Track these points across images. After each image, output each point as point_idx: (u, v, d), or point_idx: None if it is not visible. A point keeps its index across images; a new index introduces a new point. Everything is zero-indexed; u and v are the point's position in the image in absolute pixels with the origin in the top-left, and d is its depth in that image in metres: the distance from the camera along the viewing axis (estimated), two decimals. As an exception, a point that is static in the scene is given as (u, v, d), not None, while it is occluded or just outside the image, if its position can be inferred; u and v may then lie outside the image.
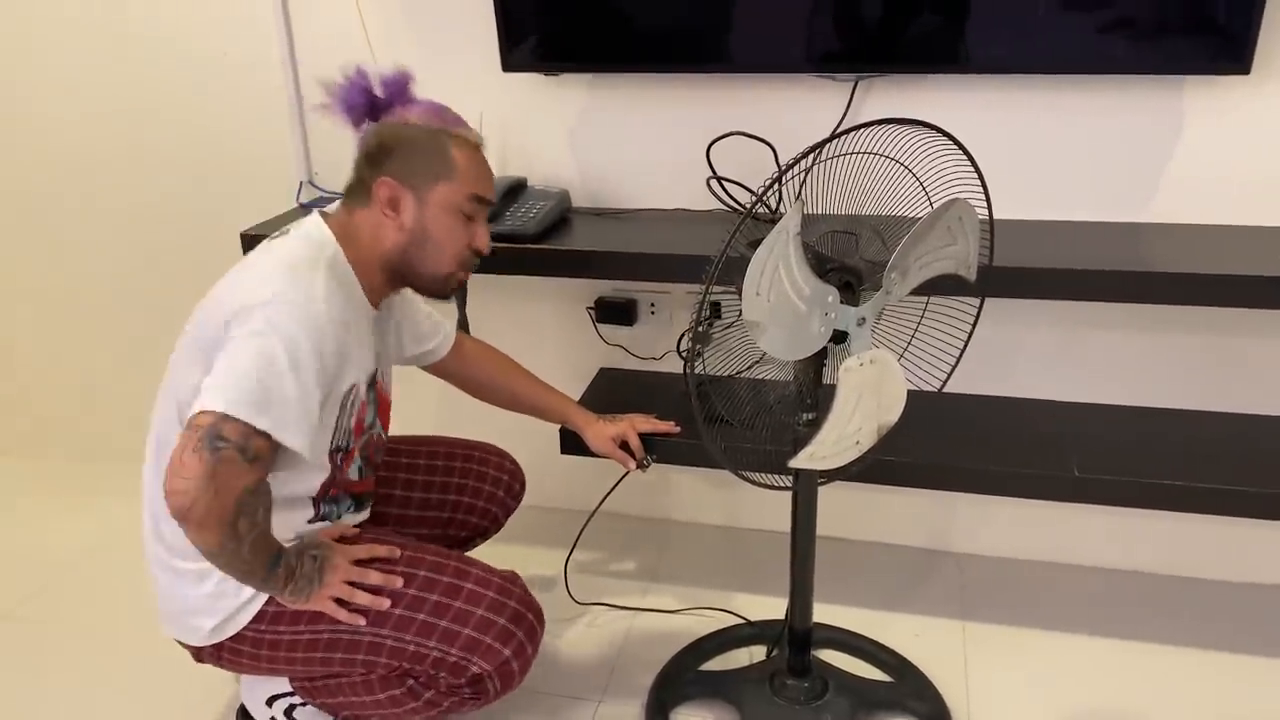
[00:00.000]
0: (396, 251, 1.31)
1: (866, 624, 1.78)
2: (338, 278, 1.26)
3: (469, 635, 1.30)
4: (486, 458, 1.67)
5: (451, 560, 1.36)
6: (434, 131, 1.29)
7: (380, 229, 1.30)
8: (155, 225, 2.16)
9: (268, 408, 1.13)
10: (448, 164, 1.28)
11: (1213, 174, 1.61)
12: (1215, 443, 1.62)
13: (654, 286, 1.90)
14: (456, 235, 1.32)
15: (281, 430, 1.14)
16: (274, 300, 1.17)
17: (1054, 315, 1.76)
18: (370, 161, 1.30)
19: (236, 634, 1.33)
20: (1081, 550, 1.94)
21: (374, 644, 1.31)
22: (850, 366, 1.20)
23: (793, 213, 1.09)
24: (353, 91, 1.31)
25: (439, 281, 1.35)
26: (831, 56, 1.61)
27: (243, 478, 1.12)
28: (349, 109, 1.32)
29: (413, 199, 1.28)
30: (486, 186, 1.33)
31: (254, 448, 1.12)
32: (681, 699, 1.62)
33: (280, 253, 1.25)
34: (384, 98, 1.33)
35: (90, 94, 2.07)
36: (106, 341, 2.32)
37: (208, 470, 1.10)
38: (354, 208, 1.32)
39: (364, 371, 1.34)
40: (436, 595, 1.32)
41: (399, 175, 1.27)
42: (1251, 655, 1.70)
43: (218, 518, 1.11)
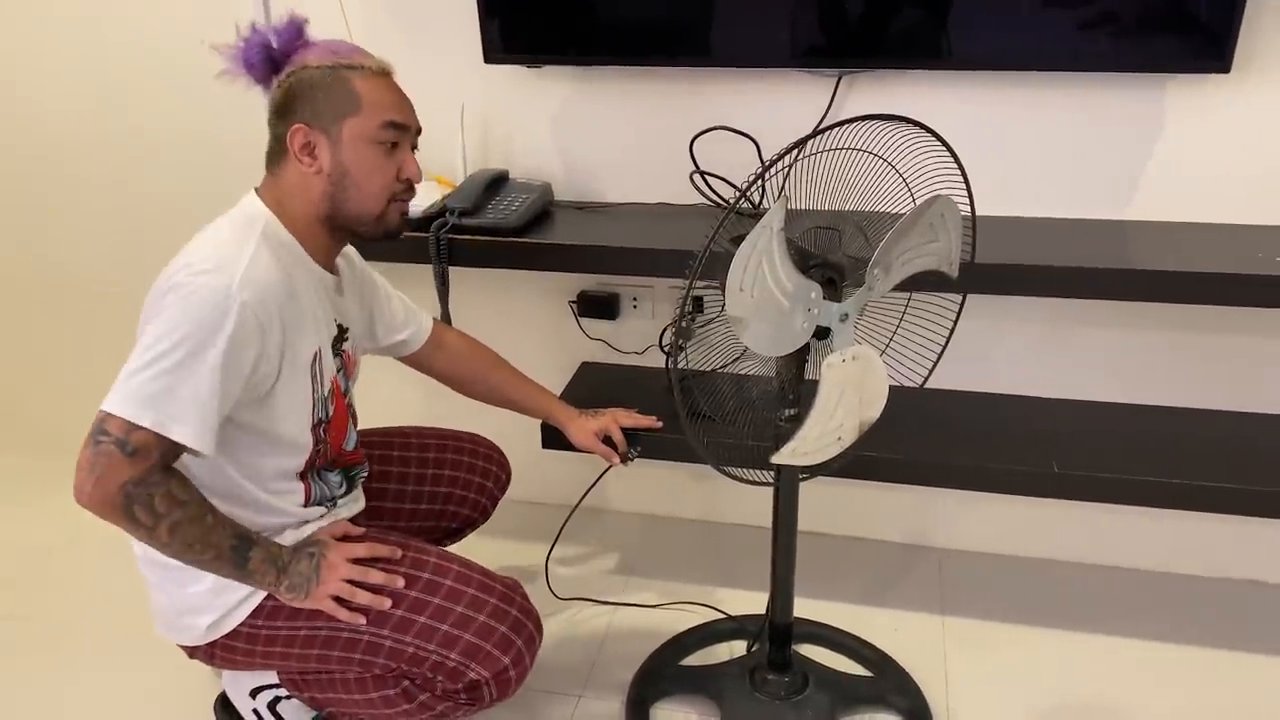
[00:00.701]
0: (324, 199, 1.27)
1: (847, 619, 1.78)
2: (276, 248, 1.24)
3: (469, 641, 1.29)
4: (475, 449, 1.67)
5: (455, 564, 1.35)
6: (332, 68, 1.24)
7: (304, 180, 1.26)
8: (134, 218, 2.13)
9: (157, 404, 1.11)
10: (351, 97, 1.23)
11: (1193, 172, 1.62)
12: (1194, 439, 1.63)
13: (636, 281, 1.90)
14: (379, 168, 1.26)
15: (166, 426, 1.12)
16: (186, 284, 1.15)
17: (1035, 312, 1.77)
18: (279, 115, 1.26)
19: (232, 630, 1.31)
20: (1061, 546, 1.95)
21: (373, 644, 1.30)
22: (833, 362, 1.20)
23: (776, 208, 1.09)
24: (249, 49, 1.26)
25: (374, 221, 1.29)
26: (815, 52, 1.60)
27: (123, 471, 1.11)
28: (249, 67, 1.27)
29: (325, 140, 1.24)
30: (400, 112, 1.27)
31: (134, 442, 1.11)
32: (662, 694, 1.62)
33: (206, 235, 1.24)
34: (280, 48, 1.27)
35: (68, 84, 2.05)
36: (83, 335, 2.29)
37: (89, 462, 1.12)
38: (276, 168, 1.29)
39: (325, 338, 1.33)
40: (439, 599, 1.31)
41: (307, 120, 1.24)
42: (1227, 650, 1.71)
43: (106, 508, 1.12)
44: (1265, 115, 1.56)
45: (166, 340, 1.12)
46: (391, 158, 1.28)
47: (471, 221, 1.65)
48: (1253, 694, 1.62)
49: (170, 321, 1.13)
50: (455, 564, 1.35)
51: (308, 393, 1.30)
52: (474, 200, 1.66)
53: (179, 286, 1.15)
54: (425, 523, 1.62)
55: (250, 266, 1.18)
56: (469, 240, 1.64)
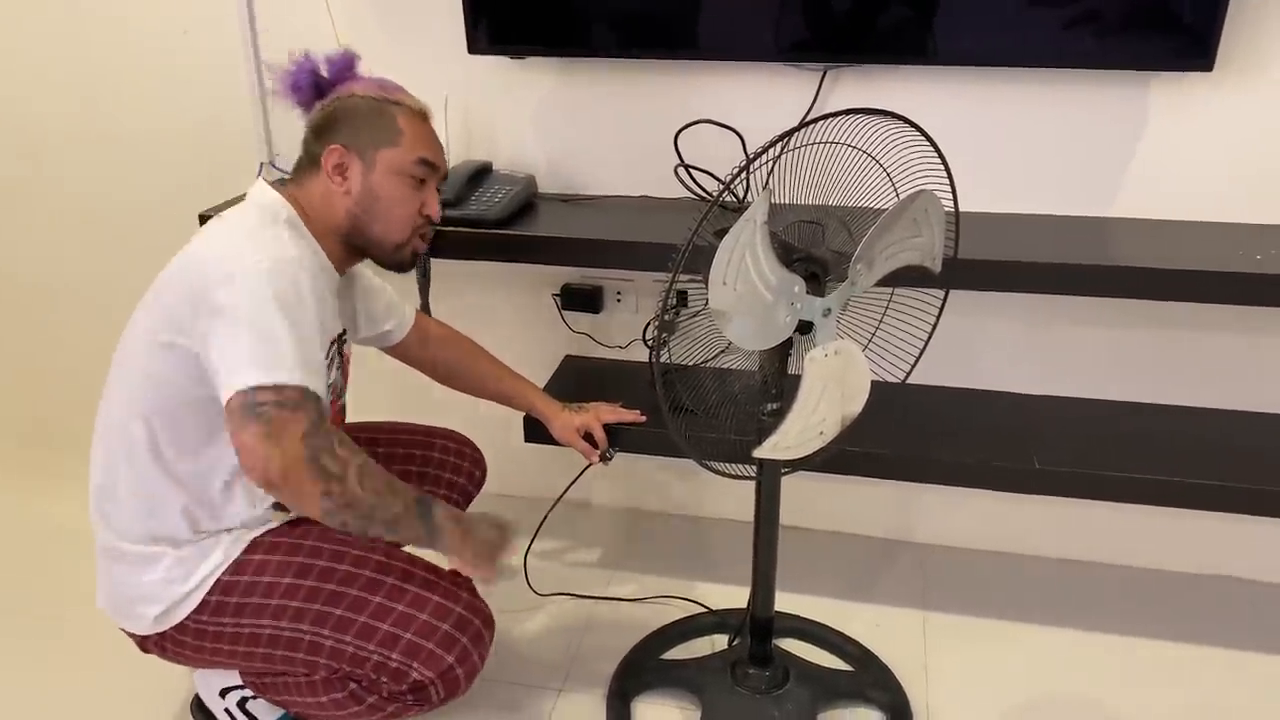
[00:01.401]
0: (347, 219, 1.30)
1: (828, 613, 1.79)
2: (297, 235, 1.26)
3: (410, 640, 1.26)
4: (448, 445, 1.66)
5: (398, 561, 1.33)
6: (378, 100, 1.29)
7: (330, 197, 1.30)
8: (111, 207, 2.11)
9: (276, 364, 1.12)
10: (393, 129, 1.29)
11: (1176, 170, 1.63)
12: (1176, 436, 1.64)
13: (620, 274, 1.89)
14: (405, 200, 1.32)
15: (300, 377, 1.12)
16: (245, 267, 1.15)
17: (1017, 308, 1.78)
18: (317, 134, 1.30)
19: (179, 624, 1.30)
20: (1041, 541, 1.96)
21: (314, 644, 1.28)
22: (815, 357, 1.20)
23: (760, 202, 1.08)
24: (299, 74, 1.32)
25: (393, 249, 1.34)
26: (800, 46, 1.60)
27: (296, 424, 1.11)
28: (296, 91, 1.32)
29: (359, 164, 1.29)
30: (434, 152, 1.33)
31: (289, 398, 1.11)
32: (643, 688, 1.62)
33: (233, 220, 1.25)
34: (329, 78, 1.33)
35: (46, 72, 2.02)
36: (57, 324, 2.27)
37: (261, 433, 1.10)
38: (304, 181, 1.31)
39: (330, 333, 1.33)
40: (379, 598, 1.28)
41: (345, 142, 1.28)
42: (1207, 646, 1.73)
43: (298, 468, 1.11)
44: (1247, 113, 1.57)
45: (260, 313, 1.13)
46: (417, 194, 1.33)
47: (454, 213, 1.63)
48: (1233, 690, 1.63)
49: (252, 298, 1.13)
50: (399, 561, 1.33)
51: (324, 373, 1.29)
52: (457, 192, 1.65)
53: (241, 271, 1.15)
54: None
55: (286, 243, 1.21)
56: (451, 232, 1.63)
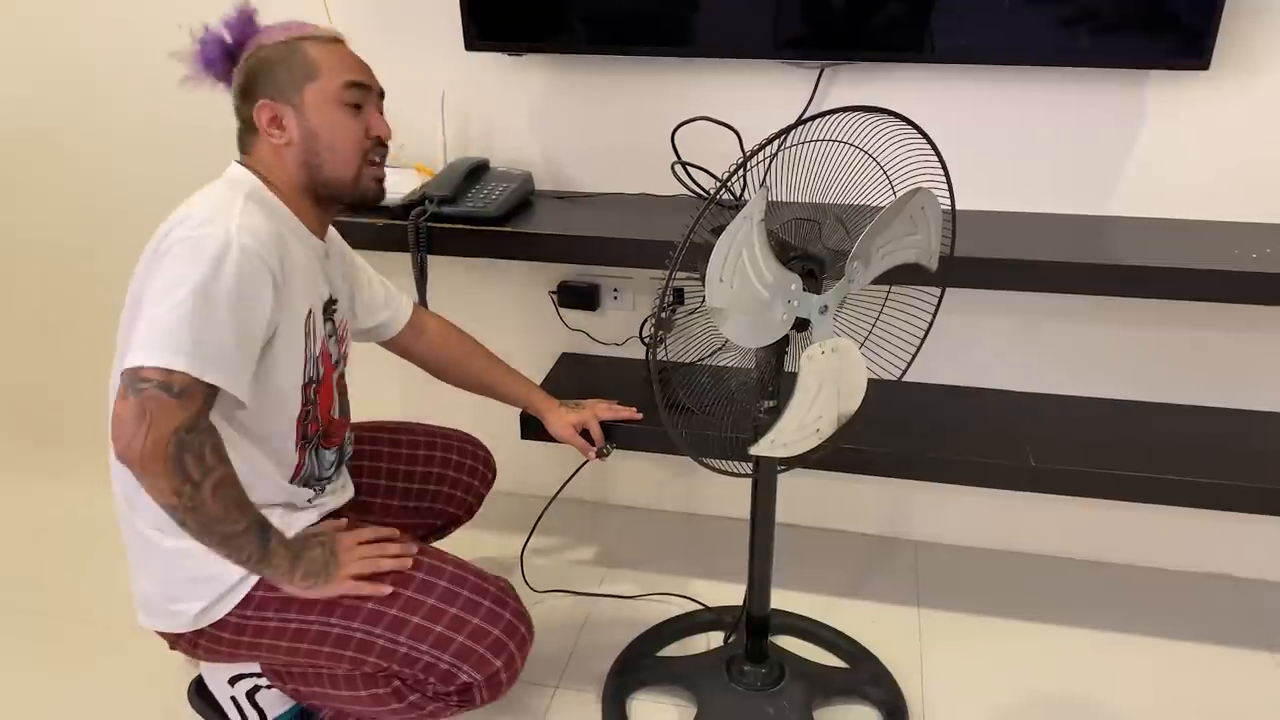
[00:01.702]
0: (300, 168, 1.28)
1: (823, 610, 1.79)
2: (264, 207, 1.24)
3: (463, 644, 1.28)
4: (464, 447, 1.67)
5: (449, 565, 1.34)
6: (286, 42, 1.27)
7: (277, 155, 1.28)
8: (102, 204, 2.11)
9: (185, 348, 1.10)
10: (309, 64, 1.26)
11: (1172, 168, 1.63)
12: (1170, 434, 1.64)
13: (617, 271, 1.89)
14: (347, 128, 1.28)
15: (203, 369, 1.11)
16: (187, 237, 1.14)
17: (1013, 306, 1.78)
18: (243, 97, 1.28)
19: (220, 620, 1.30)
20: (1036, 539, 1.97)
21: (365, 642, 1.29)
22: (812, 354, 1.20)
23: (756, 199, 1.08)
24: (207, 48, 1.29)
25: (352, 182, 1.31)
26: (798, 43, 1.60)
27: (173, 414, 1.09)
28: (210, 65, 1.30)
29: (290, 110, 1.26)
30: (359, 72, 1.29)
31: (177, 384, 1.10)
32: (639, 685, 1.62)
33: (195, 197, 1.24)
34: (234, 41, 1.30)
35: (42, 65, 2.02)
36: (50, 325, 2.27)
37: (136, 411, 1.08)
38: (250, 149, 1.30)
39: (317, 299, 1.32)
40: (433, 599, 1.30)
41: (271, 95, 1.26)
42: (1199, 643, 1.73)
43: (156, 457, 1.09)
44: (1243, 112, 1.57)
45: (181, 289, 1.11)
46: (358, 118, 1.29)
47: (451, 210, 1.63)
48: (1225, 686, 1.64)
49: (179, 271, 1.12)
50: (449, 564, 1.35)
51: (301, 348, 1.29)
52: (454, 189, 1.65)
53: (181, 240, 1.14)
54: (412, 520, 1.61)
55: (243, 214, 1.19)
56: (448, 229, 1.63)
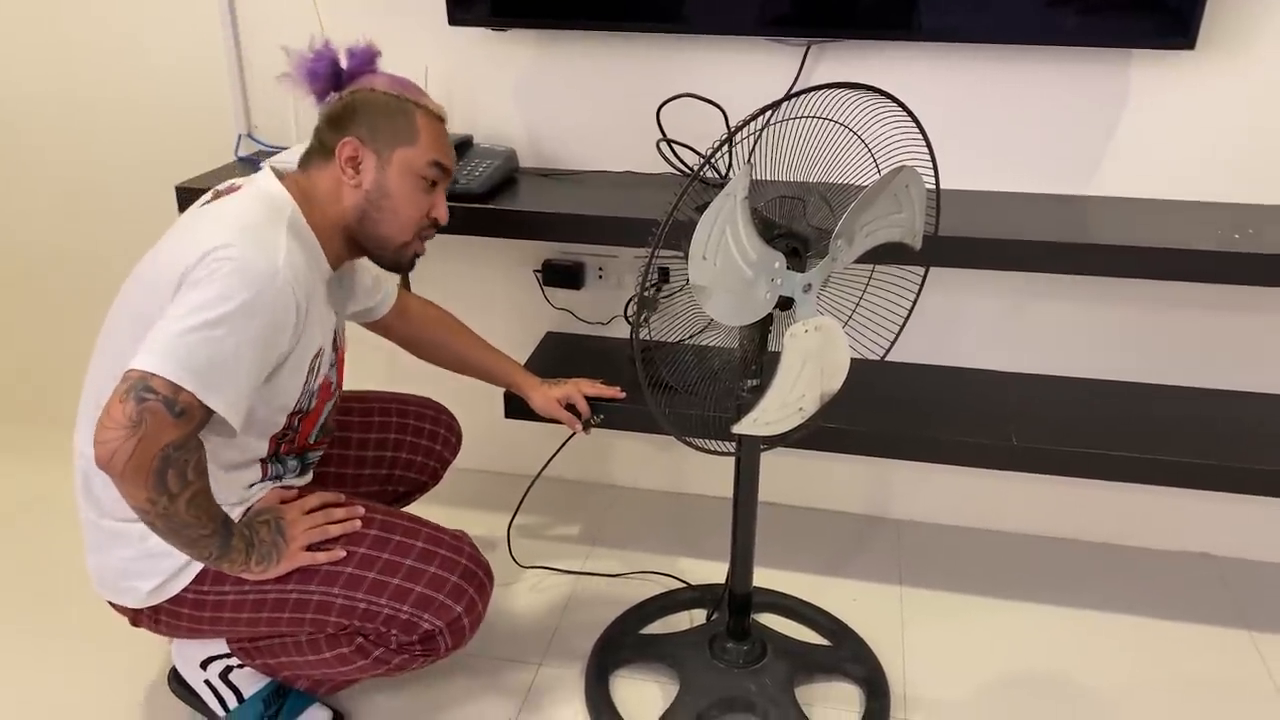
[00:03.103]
0: (355, 212, 1.29)
1: (806, 589, 1.80)
2: (298, 238, 1.23)
3: (421, 592, 1.30)
4: (423, 412, 1.66)
5: (401, 519, 1.36)
6: (399, 98, 1.29)
7: (339, 189, 1.28)
8: (86, 178, 2.08)
9: (200, 369, 1.10)
10: (411, 129, 1.28)
11: (1157, 148, 1.63)
12: (1153, 414, 1.65)
13: (602, 250, 1.88)
14: (415, 201, 1.31)
15: (208, 393, 1.11)
16: (230, 261, 1.13)
17: (997, 286, 1.78)
18: (333, 124, 1.29)
19: (176, 595, 1.30)
20: (1018, 518, 1.98)
21: (323, 603, 1.30)
22: (795, 333, 1.20)
23: (740, 177, 1.08)
24: (319, 63, 1.31)
25: (395, 249, 1.33)
26: (784, 20, 1.59)
27: (168, 432, 1.09)
28: (313, 79, 1.32)
29: (374, 159, 1.28)
30: (448, 156, 1.33)
31: (181, 403, 1.09)
32: (622, 662, 1.62)
33: (235, 210, 1.22)
34: (348, 69, 1.32)
35: (19, 40, 1.99)
36: (33, 298, 2.24)
37: (133, 419, 1.08)
38: (314, 170, 1.30)
39: (328, 333, 1.33)
40: (388, 553, 1.31)
41: (362, 136, 1.27)
42: (1179, 620, 1.75)
43: (140, 468, 1.09)
44: (1229, 92, 1.57)
45: (214, 310, 1.11)
46: (427, 195, 1.32)
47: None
48: (1203, 663, 1.65)
49: (220, 291, 1.11)
50: (400, 518, 1.36)
51: (300, 384, 1.29)
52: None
53: (228, 260, 1.13)
54: (371, 487, 1.61)
55: (290, 250, 1.19)
56: (431, 206, 1.62)
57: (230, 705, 1.45)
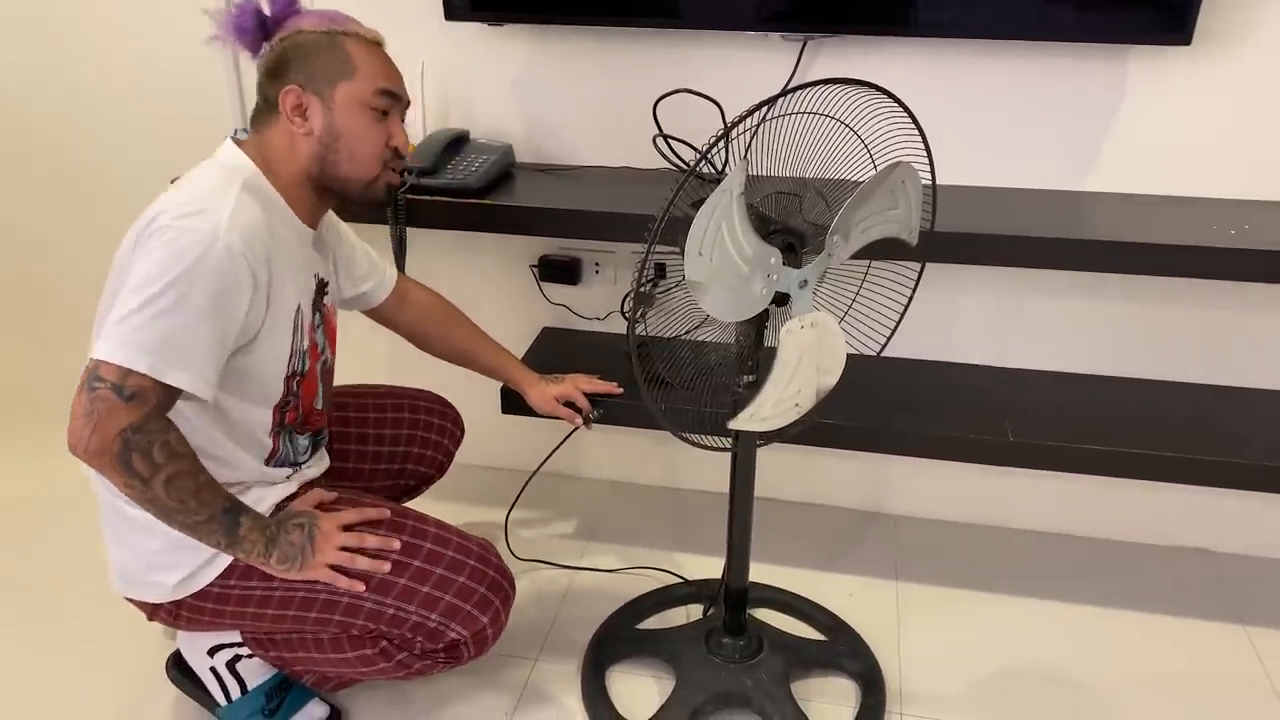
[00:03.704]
0: (313, 160, 1.27)
1: (802, 584, 1.80)
2: (259, 198, 1.22)
3: (450, 602, 1.31)
4: (430, 405, 1.67)
5: (431, 525, 1.36)
6: (329, 33, 1.25)
7: (293, 141, 1.26)
8: (82, 174, 2.08)
9: (151, 349, 1.10)
10: (347, 62, 1.25)
11: (1153, 144, 1.63)
12: (1148, 410, 1.66)
13: (598, 245, 1.88)
14: (370, 133, 1.27)
15: (161, 371, 1.10)
16: (172, 226, 1.13)
17: (993, 281, 1.78)
18: (271, 76, 1.26)
19: (202, 590, 1.30)
20: (1013, 513, 1.98)
21: (352, 606, 1.30)
22: (791, 329, 1.20)
23: (736, 172, 1.08)
24: (242, 15, 1.27)
25: (363, 187, 1.30)
26: (781, 16, 1.59)
27: (121, 417, 1.09)
28: (240, 33, 1.27)
29: (318, 102, 1.25)
30: (393, 81, 1.29)
31: (130, 387, 1.10)
32: (618, 657, 1.63)
33: (191, 181, 1.21)
34: (273, 15, 1.28)
35: (14, 37, 1.98)
36: (29, 295, 2.24)
37: (86, 408, 1.09)
38: (264, 128, 1.28)
39: (305, 292, 1.32)
40: (419, 561, 1.31)
41: (301, 82, 1.24)
42: (1175, 616, 1.75)
43: (104, 457, 1.10)
44: (1225, 88, 1.57)
45: (157, 283, 1.10)
46: (382, 125, 1.29)
47: (430, 182, 1.62)
48: (1198, 658, 1.66)
49: (159, 264, 1.11)
50: (431, 525, 1.36)
51: (287, 343, 1.28)
52: (433, 160, 1.64)
53: (165, 229, 1.13)
54: (384, 481, 1.62)
55: (236, 210, 1.17)
56: (428, 201, 1.62)
57: (234, 695, 1.44)
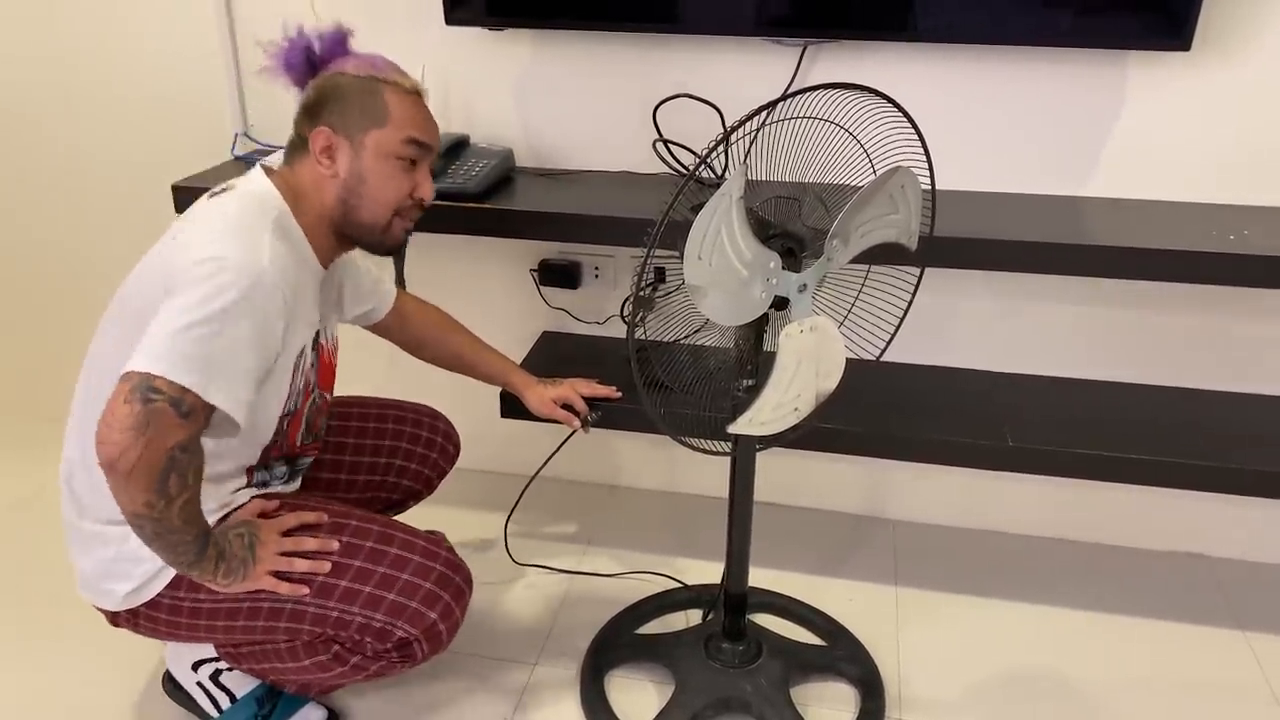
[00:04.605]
0: (337, 204, 1.28)
1: (801, 589, 1.80)
2: (286, 237, 1.23)
3: (394, 600, 1.29)
4: (419, 419, 1.65)
5: (375, 524, 1.34)
6: (367, 79, 1.26)
7: (319, 181, 1.28)
8: (83, 176, 2.08)
9: (200, 367, 1.10)
10: (381, 109, 1.26)
11: (1151, 149, 1.63)
12: (1147, 415, 1.66)
13: (598, 249, 1.88)
14: (394, 182, 1.28)
15: (212, 392, 1.11)
16: (216, 261, 1.13)
17: (992, 286, 1.78)
18: (307, 114, 1.28)
19: (152, 600, 1.29)
20: (1013, 518, 1.98)
21: (296, 611, 1.29)
22: (791, 333, 1.20)
23: (735, 177, 1.08)
24: (292, 52, 1.29)
25: (378, 232, 1.31)
26: (781, 21, 1.59)
27: (175, 432, 1.09)
28: (289, 69, 1.30)
29: (347, 146, 1.26)
30: (425, 132, 1.30)
31: (188, 402, 1.09)
32: (617, 662, 1.62)
33: (224, 211, 1.21)
34: (322, 55, 1.30)
35: (15, 38, 1.99)
36: (28, 296, 2.24)
37: (140, 421, 1.07)
38: (295, 163, 1.29)
39: (311, 333, 1.32)
40: (360, 560, 1.30)
41: (333, 124, 1.26)
42: (1172, 621, 1.75)
43: (146, 471, 1.08)
44: (1223, 93, 1.57)
45: (205, 309, 1.11)
46: (409, 175, 1.30)
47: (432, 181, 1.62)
48: (1196, 663, 1.66)
49: (209, 291, 1.11)
50: (376, 524, 1.35)
51: (288, 384, 1.29)
52: (433, 164, 1.64)
53: (215, 260, 1.13)
54: (364, 494, 1.60)
55: (274, 250, 1.18)
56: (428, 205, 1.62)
57: (223, 706, 1.45)
